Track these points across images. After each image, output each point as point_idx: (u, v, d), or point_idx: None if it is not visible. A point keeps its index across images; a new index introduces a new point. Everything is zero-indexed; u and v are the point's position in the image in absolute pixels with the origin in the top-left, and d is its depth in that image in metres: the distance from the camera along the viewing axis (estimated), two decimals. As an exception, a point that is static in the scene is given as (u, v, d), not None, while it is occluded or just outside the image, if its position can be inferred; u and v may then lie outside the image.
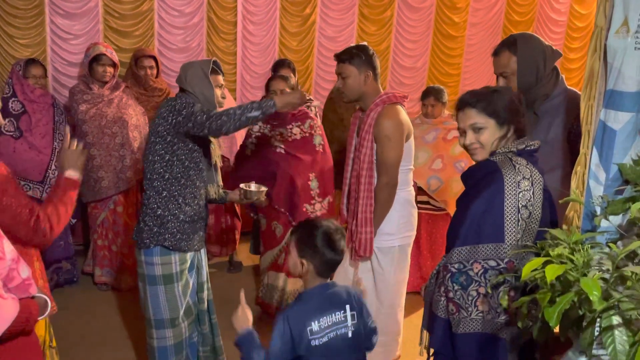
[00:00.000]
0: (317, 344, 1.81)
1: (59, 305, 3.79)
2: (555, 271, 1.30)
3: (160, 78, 4.48)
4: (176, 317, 2.59)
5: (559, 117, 2.30)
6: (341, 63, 2.69)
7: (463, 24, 6.15)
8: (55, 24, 4.69)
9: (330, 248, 1.85)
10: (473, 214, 1.84)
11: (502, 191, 1.80)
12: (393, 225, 2.72)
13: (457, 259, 1.86)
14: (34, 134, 3.76)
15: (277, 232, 3.60)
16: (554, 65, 2.39)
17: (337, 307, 1.86)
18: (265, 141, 3.57)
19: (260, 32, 5.36)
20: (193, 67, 2.55)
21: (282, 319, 1.82)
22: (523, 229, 1.81)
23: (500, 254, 1.80)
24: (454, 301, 1.87)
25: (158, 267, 2.53)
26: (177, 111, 2.42)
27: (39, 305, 1.73)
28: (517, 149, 1.88)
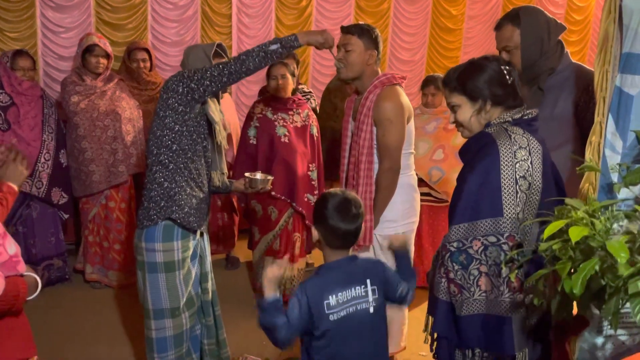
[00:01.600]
0: (336, 318, 1.73)
1: (50, 303, 3.76)
2: (579, 232, 1.20)
3: (154, 72, 4.38)
4: (177, 307, 2.47)
5: (566, 92, 2.23)
6: (349, 34, 2.57)
7: (460, 16, 6.09)
8: (46, 17, 4.60)
9: (338, 216, 1.75)
10: (469, 189, 1.76)
11: (498, 163, 1.72)
12: (396, 212, 2.63)
13: (455, 237, 1.78)
14: (23, 126, 3.68)
15: (273, 216, 3.57)
16: (559, 39, 2.31)
17: (358, 282, 1.78)
18: (268, 125, 3.53)
19: (255, 25, 5.28)
20: (196, 49, 2.48)
21: (300, 289, 1.74)
22: (524, 201, 1.73)
23: (500, 229, 1.71)
24: (455, 282, 1.79)
25: (159, 253, 2.41)
26: (188, 78, 2.32)
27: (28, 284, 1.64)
28: (512, 118, 1.80)
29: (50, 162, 3.79)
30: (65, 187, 3.90)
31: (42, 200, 3.81)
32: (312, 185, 3.61)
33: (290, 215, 3.60)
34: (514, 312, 1.74)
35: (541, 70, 2.27)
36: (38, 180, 3.76)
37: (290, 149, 3.50)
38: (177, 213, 2.40)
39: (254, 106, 3.65)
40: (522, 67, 2.28)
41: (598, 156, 1.69)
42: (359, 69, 2.59)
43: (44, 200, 3.82)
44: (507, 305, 1.73)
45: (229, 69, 2.27)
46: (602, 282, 1.34)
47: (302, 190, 3.53)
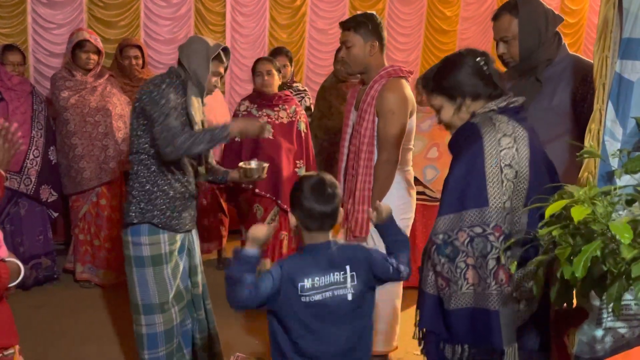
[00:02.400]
0: (308, 300, 1.68)
1: (38, 303, 3.69)
2: (582, 212, 1.16)
3: (146, 69, 4.33)
4: (166, 301, 2.43)
5: (564, 83, 2.21)
6: (346, 31, 2.56)
7: (455, 17, 6.09)
8: (37, 13, 4.55)
9: (313, 197, 1.70)
10: (454, 179, 1.73)
11: (482, 151, 1.68)
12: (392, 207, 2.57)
13: (442, 228, 1.73)
14: (11, 122, 3.58)
15: (258, 214, 3.53)
16: (556, 30, 2.29)
17: (337, 267, 1.73)
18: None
19: (249, 24, 5.25)
20: (200, 43, 2.39)
21: (277, 265, 1.71)
22: (510, 190, 1.68)
23: (486, 219, 1.66)
24: (442, 275, 1.74)
25: (146, 247, 2.38)
26: (150, 103, 2.27)
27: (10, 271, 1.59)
28: (498, 107, 1.76)
29: (39, 159, 3.74)
30: (55, 184, 3.84)
31: (31, 197, 3.75)
32: None
33: (277, 213, 3.54)
34: (502, 305, 1.69)
35: (539, 61, 2.24)
36: (27, 177, 3.70)
37: (274, 145, 3.44)
38: (158, 218, 2.37)
39: (240, 104, 3.63)
40: (519, 58, 2.26)
41: (598, 144, 1.66)
42: (362, 62, 2.57)
43: (32, 198, 3.75)
44: (494, 299, 1.68)
45: (162, 138, 2.22)
46: (604, 268, 1.30)
47: (288, 187, 3.46)
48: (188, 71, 2.36)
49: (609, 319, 1.74)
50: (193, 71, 2.35)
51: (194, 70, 2.35)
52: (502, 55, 2.34)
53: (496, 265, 1.66)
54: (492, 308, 1.68)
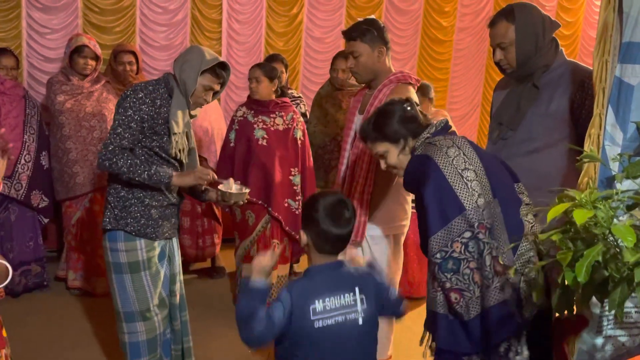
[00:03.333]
0: (321, 325, 1.62)
1: (27, 310, 3.62)
2: (584, 215, 1.14)
3: (140, 75, 4.30)
4: (146, 308, 2.37)
5: (561, 89, 2.19)
6: (352, 41, 2.51)
7: (451, 28, 6.10)
8: (32, 18, 4.52)
9: (329, 219, 1.67)
10: (430, 202, 1.82)
11: (438, 168, 1.82)
12: (389, 213, 2.57)
13: (436, 248, 1.79)
14: (4, 126, 3.60)
15: (250, 221, 3.49)
16: (553, 36, 2.28)
17: (347, 289, 1.68)
18: (247, 128, 3.48)
19: (245, 32, 5.24)
20: (196, 54, 2.32)
21: (285, 291, 1.64)
22: (480, 188, 1.80)
23: (470, 221, 1.77)
24: (453, 289, 1.77)
25: (123, 253, 2.33)
26: (122, 104, 2.25)
27: None
28: (429, 133, 1.96)
29: (30, 164, 3.70)
30: (46, 190, 3.79)
31: (21, 203, 3.70)
32: (293, 190, 3.51)
33: (268, 220, 3.50)
34: (507, 295, 1.74)
35: (536, 67, 2.23)
36: (17, 182, 3.65)
37: (267, 152, 3.42)
38: (132, 226, 2.32)
39: (237, 109, 3.61)
40: (516, 64, 2.24)
41: (598, 148, 1.64)
42: (372, 69, 2.55)
43: (22, 203, 3.71)
44: (499, 291, 1.74)
45: (103, 155, 2.21)
46: (605, 273, 1.28)
47: (280, 195, 3.45)
48: (177, 78, 2.32)
49: (609, 326, 1.72)
50: (182, 81, 2.30)
51: (183, 80, 2.30)
52: (499, 62, 2.32)
53: (491, 259, 1.75)
54: (499, 301, 1.73)
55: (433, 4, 5.98)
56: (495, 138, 2.32)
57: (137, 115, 2.24)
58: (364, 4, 5.67)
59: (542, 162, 2.17)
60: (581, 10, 6.65)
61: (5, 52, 3.67)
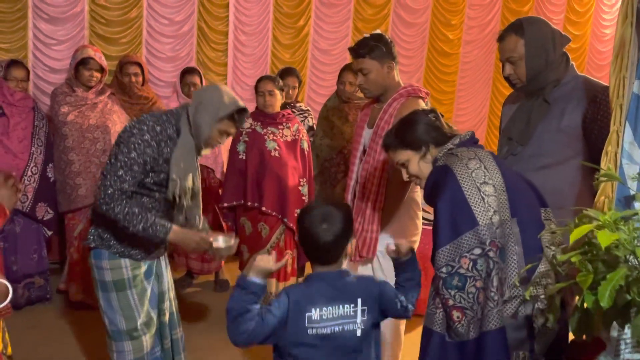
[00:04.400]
0: (315, 333, 1.60)
1: (28, 324, 3.57)
2: (609, 237, 1.09)
3: (146, 86, 4.28)
4: (134, 327, 2.30)
5: (572, 104, 2.15)
6: (360, 58, 2.49)
7: (457, 41, 6.09)
8: (38, 29, 4.51)
9: (310, 231, 1.66)
10: (442, 213, 1.78)
11: (456, 179, 1.78)
12: (399, 228, 2.53)
13: (443, 261, 1.74)
14: (11, 137, 3.59)
15: (263, 233, 3.46)
16: (564, 50, 2.24)
17: (348, 299, 1.65)
18: (258, 139, 3.47)
19: (252, 43, 5.23)
20: (215, 95, 2.20)
21: (283, 294, 1.63)
22: (496, 205, 1.73)
23: (481, 238, 1.71)
24: (456, 307, 1.72)
25: (108, 272, 2.26)
26: (127, 141, 2.13)
27: None
28: (453, 144, 1.91)
29: (37, 176, 3.68)
30: (51, 202, 3.76)
31: (26, 215, 3.67)
32: (302, 200, 3.52)
33: (282, 232, 3.49)
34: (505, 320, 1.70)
35: (546, 82, 2.19)
36: (23, 194, 3.63)
37: (281, 163, 3.42)
38: (115, 247, 2.26)
39: None
40: (526, 79, 2.21)
41: (615, 167, 1.60)
42: (382, 84, 2.53)
43: (27, 215, 3.67)
44: (499, 316, 1.69)
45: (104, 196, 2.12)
46: (628, 297, 1.23)
47: (293, 205, 3.44)
48: (190, 119, 2.20)
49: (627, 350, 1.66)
50: (196, 124, 2.18)
51: (197, 123, 2.18)
52: (508, 77, 2.29)
53: (499, 281, 1.70)
54: (500, 325, 1.69)
55: (440, 17, 5.97)
56: (505, 154, 2.28)
57: (140, 158, 2.14)
58: (371, 16, 5.67)
59: (553, 178, 2.13)
60: (589, 24, 6.64)
61: (16, 64, 3.67)
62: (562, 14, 6.50)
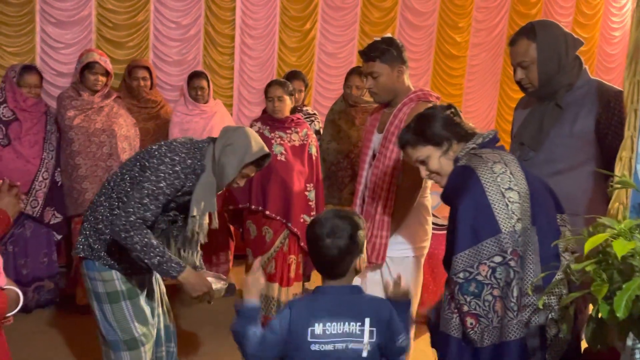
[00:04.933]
0: (317, 349, 1.57)
1: (35, 328, 3.57)
2: (625, 246, 1.07)
3: (154, 90, 4.29)
4: (132, 337, 2.27)
5: (586, 108, 2.12)
6: (370, 62, 2.46)
7: (465, 43, 6.07)
8: (46, 33, 4.52)
9: (312, 245, 1.66)
10: (463, 217, 1.71)
11: (480, 183, 1.71)
12: (409, 234, 2.51)
13: (460, 267, 1.68)
14: (23, 142, 3.61)
15: (267, 237, 3.44)
16: (576, 54, 2.21)
17: (354, 317, 1.61)
18: (265, 144, 3.41)
19: (259, 47, 5.22)
20: (243, 141, 2.20)
21: (287, 307, 1.61)
22: (519, 212, 1.67)
23: (503, 246, 1.65)
24: (470, 313, 1.67)
25: (100, 283, 2.24)
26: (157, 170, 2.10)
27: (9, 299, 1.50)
28: (476, 144, 1.84)
29: (48, 181, 3.69)
30: (59, 206, 3.77)
31: (36, 220, 3.68)
32: (308, 206, 3.49)
33: (286, 236, 3.47)
34: (528, 333, 1.66)
35: (559, 86, 2.16)
36: (34, 199, 3.64)
37: (286, 167, 3.40)
38: (105, 259, 2.23)
39: (252, 125, 3.58)
40: (539, 83, 2.18)
41: (630, 173, 1.57)
42: (392, 89, 2.49)
43: (37, 220, 3.69)
44: (521, 327, 1.65)
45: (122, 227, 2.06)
46: (645, 307, 1.20)
47: (298, 210, 3.41)
48: (215, 159, 2.19)
49: (642, 360, 1.64)
50: (221, 164, 2.18)
51: (222, 164, 2.18)
52: (520, 81, 2.26)
53: (520, 291, 1.64)
54: (520, 336, 1.65)
55: (447, 20, 5.95)
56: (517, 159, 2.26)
57: (168, 189, 2.12)
58: (378, 19, 5.65)
59: (566, 184, 2.10)
60: (597, 26, 6.60)
61: (29, 70, 3.67)
62: (571, 16, 6.46)
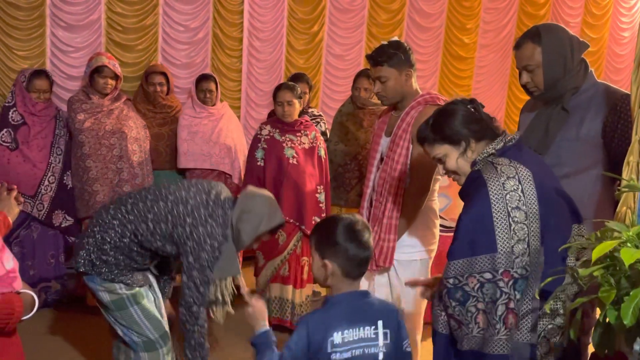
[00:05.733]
0: (337, 358, 1.57)
1: (43, 329, 3.59)
2: (632, 255, 1.07)
3: (171, 95, 4.31)
4: (147, 340, 2.30)
5: (592, 112, 2.12)
6: (378, 66, 2.46)
7: (473, 45, 6.05)
8: (56, 36, 4.56)
9: (354, 242, 1.62)
10: (464, 226, 1.72)
11: (488, 197, 1.69)
12: (416, 236, 2.51)
13: (452, 273, 1.72)
14: (31, 146, 3.65)
15: (280, 240, 3.46)
16: (582, 57, 2.21)
17: (369, 321, 1.62)
18: (276, 146, 3.48)
19: (266, 49, 5.24)
20: (261, 210, 2.22)
21: (302, 323, 1.61)
22: (524, 232, 1.66)
23: (495, 265, 1.66)
24: (454, 317, 1.73)
25: (104, 293, 2.27)
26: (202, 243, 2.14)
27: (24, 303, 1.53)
28: (496, 149, 1.79)
29: (54, 185, 3.73)
30: (70, 209, 3.80)
31: (43, 223, 3.72)
32: (319, 208, 3.52)
33: (300, 238, 3.49)
34: (514, 349, 1.67)
35: (565, 90, 2.16)
36: (39, 202, 3.68)
37: (299, 170, 3.43)
38: (106, 275, 2.25)
39: (261, 128, 3.60)
40: (544, 87, 2.17)
41: (637, 177, 1.57)
42: (400, 92, 2.50)
43: (44, 224, 3.73)
44: (503, 344, 1.66)
45: (193, 297, 2.15)
46: (652, 313, 1.20)
47: (311, 212, 3.45)
48: (233, 223, 2.21)
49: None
50: (237, 229, 2.21)
51: (238, 229, 2.21)
52: (525, 85, 2.26)
53: (505, 310, 1.66)
54: (502, 352, 1.67)
55: (455, 21, 5.94)
56: None
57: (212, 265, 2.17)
58: (385, 21, 5.66)
59: (573, 187, 2.08)
60: (606, 27, 6.56)
61: (39, 75, 3.69)
62: (580, 17, 6.43)
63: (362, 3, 5.55)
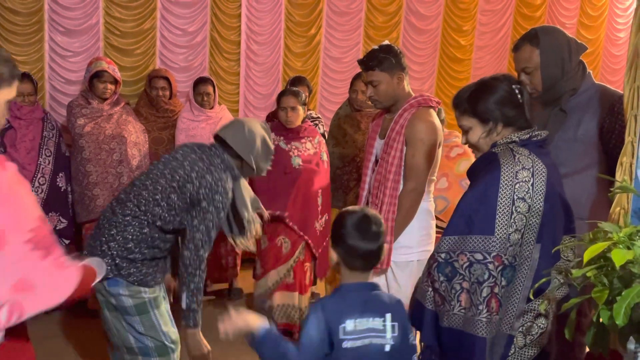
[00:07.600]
0: (349, 346, 1.59)
1: (48, 333, 3.61)
2: (623, 256, 1.09)
3: (174, 99, 4.33)
4: (161, 344, 2.31)
5: (590, 113, 2.14)
6: (370, 71, 2.50)
7: (470, 47, 6.08)
8: (55, 41, 4.58)
9: (357, 233, 1.64)
10: (465, 203, 1.75)
11: (498, 181, 1.71)
12: (412, 238, 2.53)
13: (445, 248, 1.75)
14: (19, 149, 3.67)
15: (285, 248, 3.44)
16: (580, 59, 2.23)
17: (377, 313, 1.64)
18: (283, 156, 3.45)
19: (264, 52, 5.26)
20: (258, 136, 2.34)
21: (317, 307, 1.61)
22: (521, 223, 1.69)
23: (488, 247, 1.68)
24: (439, 292, 1.77)
25: (127, 298, 2.26)
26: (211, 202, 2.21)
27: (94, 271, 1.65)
28: (520, 139, 1.79)
29: (45, 187, 3.73)
30: (64, 211, 3.81)
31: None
32: (318, 211, 3.52)
33: (304, 246, 3.49)
34: (490, 333, 1.70)
35: (563, 91, 2.18)
36: (30, 206, 3.69)
37: (305, 179, 3.42)
38: (135, 276, 2.25)
39: None
40: (542, 89, 2.20)
41: (630, 178, 1.59)
42: (393, 95, 2.53)
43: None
44: (483, 326, 1.69)
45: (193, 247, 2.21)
46: (645, 313, 1.22)
47: (313, 219, 3.46)
48: (250, 164, 2.32)
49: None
50: (259, 168, 2.37)
51: (260, 168, 2.37)
52: None
53: (490, 293, 1.68)
54: (480, 334, 1.69)
55: (451, 23, 5.96)
56: None
57: (222, 212, 2.26)
58: (382, 23, 5.68)
59: (571, 188, 2.10)
60: (602, 28, 6.59)
61: (22, 78, 3.72)
62: (575, 18, 6.45)
63: (359, 6, 5.57)
